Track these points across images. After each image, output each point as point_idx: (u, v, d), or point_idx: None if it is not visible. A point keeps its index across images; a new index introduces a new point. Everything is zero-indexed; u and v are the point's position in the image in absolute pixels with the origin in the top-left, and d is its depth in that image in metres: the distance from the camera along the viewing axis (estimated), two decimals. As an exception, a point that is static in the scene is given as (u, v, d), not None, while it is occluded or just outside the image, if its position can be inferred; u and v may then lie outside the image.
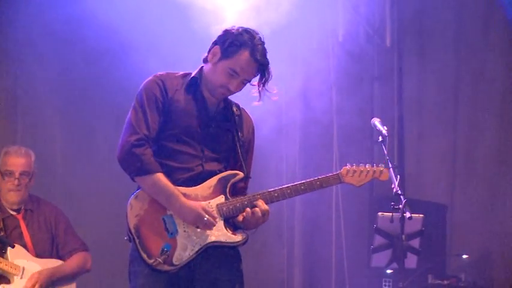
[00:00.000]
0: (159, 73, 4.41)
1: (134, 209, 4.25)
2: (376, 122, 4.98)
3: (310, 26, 7.42)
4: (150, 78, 4.38)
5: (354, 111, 7.68)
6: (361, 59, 7.82)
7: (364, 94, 7.91)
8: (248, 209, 4.28)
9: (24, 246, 5.57)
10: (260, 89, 4.36)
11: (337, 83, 7.74)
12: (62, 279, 5.62)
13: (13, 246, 5.46)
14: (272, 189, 4.35)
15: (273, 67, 4.39)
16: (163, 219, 4.23)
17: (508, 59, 7.69)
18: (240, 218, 4.33)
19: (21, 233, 5.62)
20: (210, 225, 4.22)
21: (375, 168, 4.54)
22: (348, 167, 4.49)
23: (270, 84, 4.36)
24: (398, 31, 8.00)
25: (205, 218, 4.19)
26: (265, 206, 4.29)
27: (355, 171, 4.49)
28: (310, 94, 7.63)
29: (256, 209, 4.27)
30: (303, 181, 4.39)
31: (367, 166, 4.52)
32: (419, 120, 7.97)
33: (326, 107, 7.74)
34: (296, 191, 4.37)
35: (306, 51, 7.35)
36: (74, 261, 5.71)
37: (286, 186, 4.37)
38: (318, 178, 4.41)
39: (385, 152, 4.68)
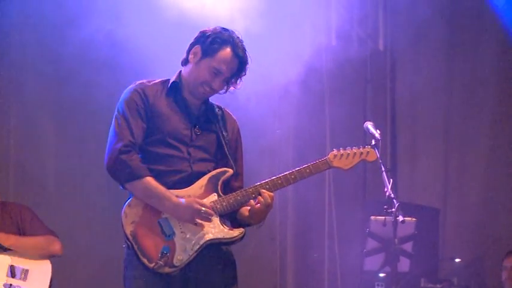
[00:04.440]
0: (138, 81, 4.44)
1: (129, 216, 4.25)
2: (369, 125, 4.97)
3: (303, 29, 7.43)
4: (129, 87, 4.41)
5: (346, 114, 7.68)
6: (354, 62, 7.82)
7: (356, 97, 7.92)
8: (252, 201, 4.31)
9: None
10: (231, 82, 4.42)
11: (330, 86, 7.75)
12: (21, 250, 5.60)
13: None
14: (263, 181, 4.36)
15: (265, 69, 4.42)
16: (158, 222, 4.24)
17: (501, 63, 7.72)
18: (246, 212, 4.36)
19: None
20: (208, 217, 4.23)
21: (361, 149, 4.55)
22: (335, 151, 4.50)
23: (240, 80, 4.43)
24: (391, 34, 8.01)
25: (203, 210, 4.21)
26: (269, 193, 4.31)
27: (342, 155, 4.50)
28: (303, 97, 7.63)
29: (260, 198, 4.29)
30: (292, 170, 4.40)
31: (353, 149, 4.54)
32: (412, 123, 7.98)
33: (319, 110, 7.75)
34: (287, 180, 4.37)
35: (298, 54, 7.34)
36: (38, 238, 5.69)
37: (276, 176, 4.38)
38: (307, 165, 4.42)
39: (378, 155, 4.67)
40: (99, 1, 6.85)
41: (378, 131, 4.86)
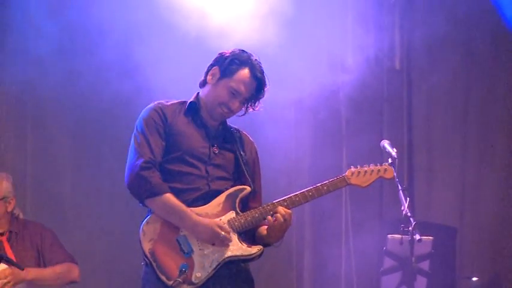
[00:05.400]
0: (157, 101, 4.49)
1: (147, 234, 4.28)
2: (386, 144, 4.99)
3: (320, 48, 7.45)
4: (148, 106, 4.48)
5: (363, 134, 7.68)
6: (370, 81, 7.81)
7: (373, 116, 7.91)
8: (270, 217, 4.33)
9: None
10: (249, 104, 4.46)
11: (346, 105, 7.75)
12: (41, 282, 5.61)
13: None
14: (281, 199, 4.40)
15: (280, 89, 4.46)
16: (177, 240, 4.26)
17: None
18: (264, 231, 4.39)
19: (5, 253, 5.63)
20: (226, 242, 4.25)
21: (379, 167, 4.61)
22: (353, 169, 4.56)
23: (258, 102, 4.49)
24: (407, 54, 8.01)
25: (222, 235, 4.23)
26: (286, 210, 4.33)
27: (359, 172, 4.55)
28: (319, 117, 7.64)
29: (278, 214, 4.32)
30: (310, 187, 4.42)
31: (371, 166, 4.58)
32: (429, 142, 7.96)
33: (335, 128, 7.75)
34: (304, 197, 4.42)
35: (315, 74, 7.36)
36: (56, 268, 5.71)
37: (294, 194, 4.42)
38: (325, 183, 4.47)
39: (395, 174, 4.68)
40: (117, 27, 6.89)
41: (394, 149, 4.88)
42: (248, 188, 4.42)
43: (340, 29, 7.63)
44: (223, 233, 4.23)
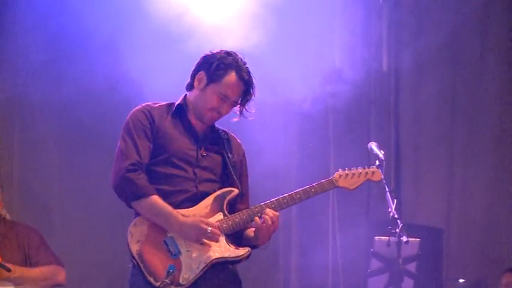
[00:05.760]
0: (144, 103, 4.48)
1: (134, 235, 4.28)
2: (373, 145, 5.00)
3: (307, 50, 7.46)
4: (136, 108, 4.46)
5: (350, 135, 7.70)
6: (357, 82, 7.83)
7: (360, 118, 7.93)
8: (257, 219, 4.32)
9: None
10: (241, 106, 4.45)
11: (333, 107, 7.76)
12: (26, 282, 5.58)
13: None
14: (269, 201, 4.40)
15: (268, 90, 4.45)
16: (164, 241, 4.26)
17: (505, 81, 7.73)
18: (251, 233, 4.40)
19: None
20: (214, 237, 4.24)
21: (367, 169, 4.62)
22: (340, 171, 4.56)
23: (250, 104, 4.48)
24: (395, 55, 8.03)
25: (209, 230, 4.22)
26: (274, 212, 4.33)
27: (347, 175, 4.56)
28: (307, 118, 7.65)
29: (266, 216, 4.31)
30: (298, 190, 4.43)
31: (359, 169, 4.59)
32: (416, 144, 7.98)
33: (322, 131, 7.76)
34: (292, 199, 4.42)
35: (302, 75, 7.38)
36: (43, 269, 5.68)
37: (282, 196, 4.42)
38: (313, 185, 4.47)
39: (382, 176, 4.69)
40: (106, 33, 6.90)
41: (381, 151, 4.89)
42: (236, 190, 4.42)
43: (329, 32, 7.65)
44: (210, 228, 4.23)
